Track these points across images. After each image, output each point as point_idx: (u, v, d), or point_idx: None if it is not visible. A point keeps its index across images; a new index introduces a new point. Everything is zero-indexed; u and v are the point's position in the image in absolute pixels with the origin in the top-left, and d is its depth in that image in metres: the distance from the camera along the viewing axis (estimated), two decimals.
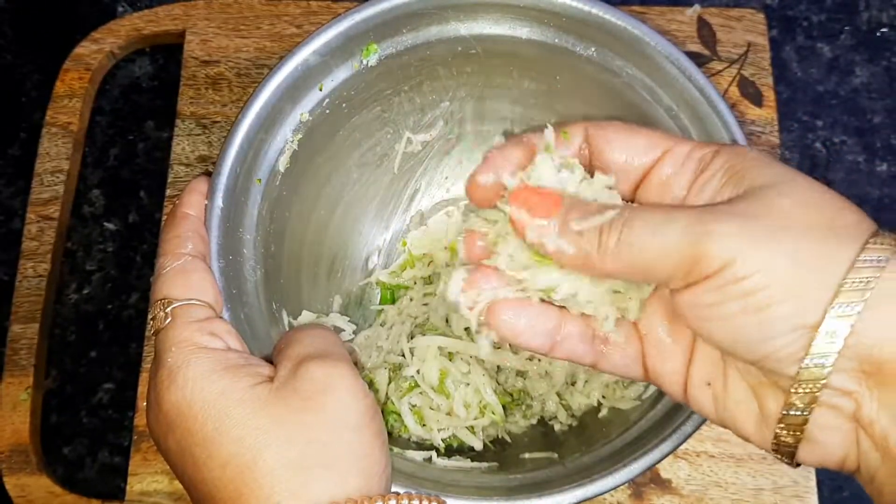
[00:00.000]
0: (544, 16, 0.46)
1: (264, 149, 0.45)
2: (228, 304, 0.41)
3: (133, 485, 0.52)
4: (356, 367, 0.36)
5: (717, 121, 0.44)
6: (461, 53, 0.49)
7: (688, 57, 0.45)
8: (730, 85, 0.61)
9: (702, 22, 0.62)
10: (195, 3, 0.62)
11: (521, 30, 0.48)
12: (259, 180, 0.45)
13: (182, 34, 0.62)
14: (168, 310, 0.36)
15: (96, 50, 0.61)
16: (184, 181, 0.58)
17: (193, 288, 0.37)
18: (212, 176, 0.42)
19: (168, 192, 0.58)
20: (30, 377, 0.54)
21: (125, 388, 0.57)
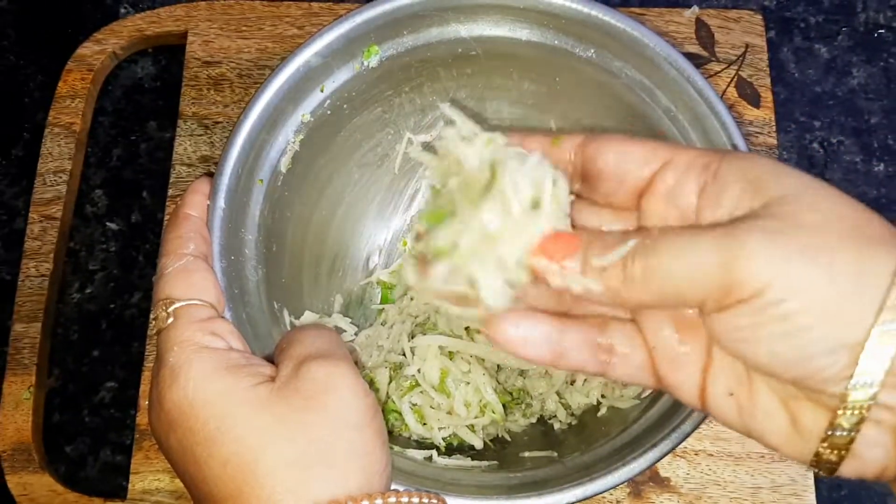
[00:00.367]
0: (544, 17, 0.47)
1: (266, 149, 0.45)
2: (230, 304, 0.41)
3: (135, 483, 0.52)
4: (357, 366, 0.36)
5: (715, 122, 0.44)
6: (461, 55, 0.49)
7: (686, 58, 0.45)
8: (728, 86, 0.61)
9: (700, 23, 0.62)
10: (197, 4, 0.62)
11: (521, 31, 0.48)
12: (261, 181, 0.45)
13: (184, 35, 0.62)
14: (170, 310, 0.36)
15: (99, 51, 0.61)
16: (186, 181, 0.58)
17: (195, 288, 0.37)
18: (213, 176, 0.43)
19: (170, 192, 0.58)
20: (32, 376, 0.54)
21: (127, 387, 0.57)
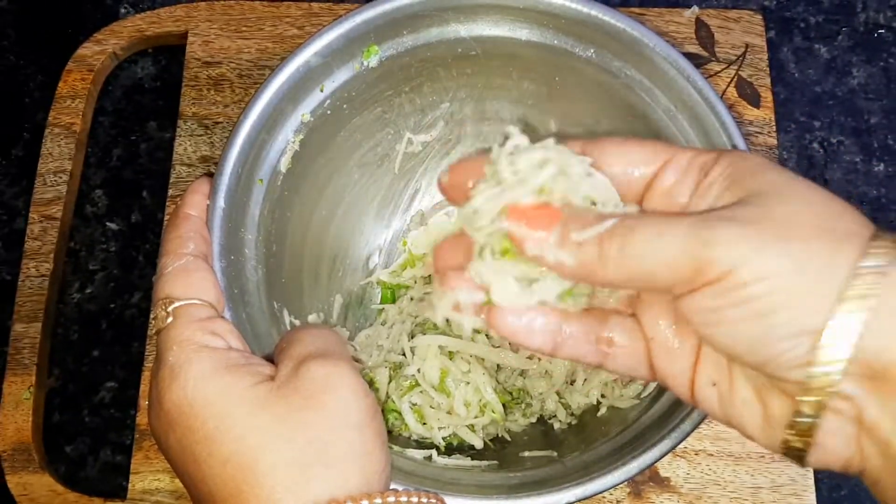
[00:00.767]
0: (543, 17, 0.47)
1: (266, 149, 0.45)
2: (230, 304, 0.41)
3: (135, 483, 0.52)
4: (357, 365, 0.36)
5: (715, 122, 0.44)
6: (461, 55, 0.49)
7: (686, 58, 0.45)
8: (728, 86, 0.61)
9: (700, 23, 0.63)
10: (197, 4, 0.63)
11: (521, 31, 0.48)
12: (261, 181, 0.45)
13: (184, 35, 0.62)
14: (170, 309, 0.36)
15: (99, 51, 0.61)
16: (186, 181, 0.58)
17: (195, 287, 0.38)
18: (213, 176, 0.43)
19: (170, 192, 0.58)
20: (32, 376, 0.54)
21: (127, 387, 0.57)
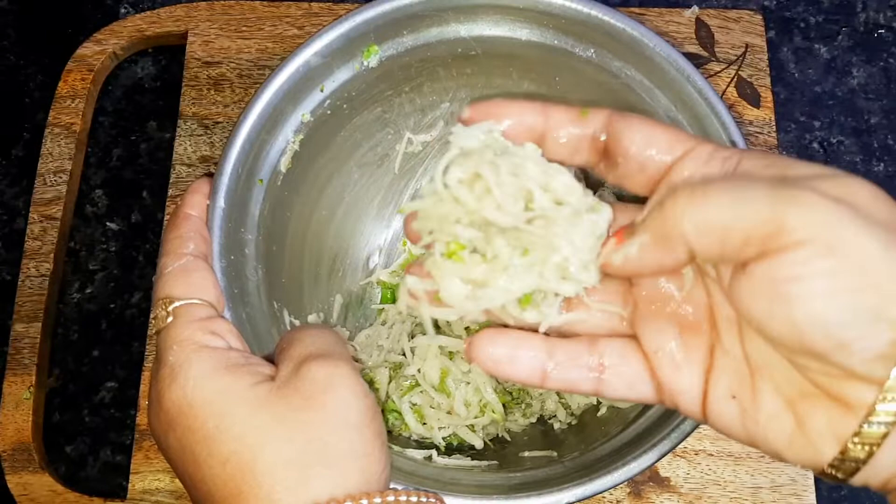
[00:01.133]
0: (543, 17, 0.47)
1: (266, 149, 0.45)
2: (230, 304, 0.41)
3: (135, 483, 0.52)
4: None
5: (715, 121, 0.44)
6: (461, 55, 0.49)
7: (686, 58, 0.45)
8: (728, 86, 0.61)
9: (700, 23, 0.63)
10: (197, 4, 0.63)
11: (521, 31, 0.48)
12: (261, 181, 0.45)
13: (184, 35, 0.62)
14: (170, 308, 0.36)
15: (99, 51, 0.61)
16: (186, 181, 0.59)
17: (195, 287, 0.37)
18: (213, 176, 0.43)
19: (170, 192, 0.58)
20: (32, 376, 0.54)
21: (127, 387, 0.57)
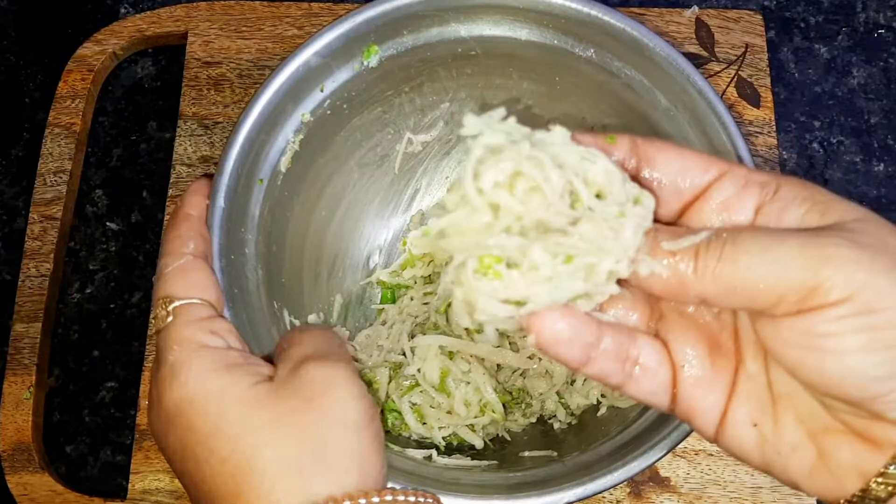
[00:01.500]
0: (543, 17, 0.47)
1: (266, 149, 0.45)
2: (230, 304, 0.41)
3: (135, 483, 0.52)
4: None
5: (715, 121, 0.44)
6: (461, 55, 0.49)
7: (686, 58, 0.45)
8: (728, 86, 0.61)
9: (700, 23, 0.63)
10: (197, 4, 0.63)
11: (521, 31, 0.48)
12: (261, 181, 0.45)
13: (184, 35, 0.62)
14: (170, 308, 0.36)
15: (99, 51, 0.61)
16: (186, 181, 0.59)
17: (195, 287, 0.37)
18: (214, 176, 0.43)
19: (170, 192, 0.58)
20: (32, 376, 0.54)
21: (127, 387, 0.57)
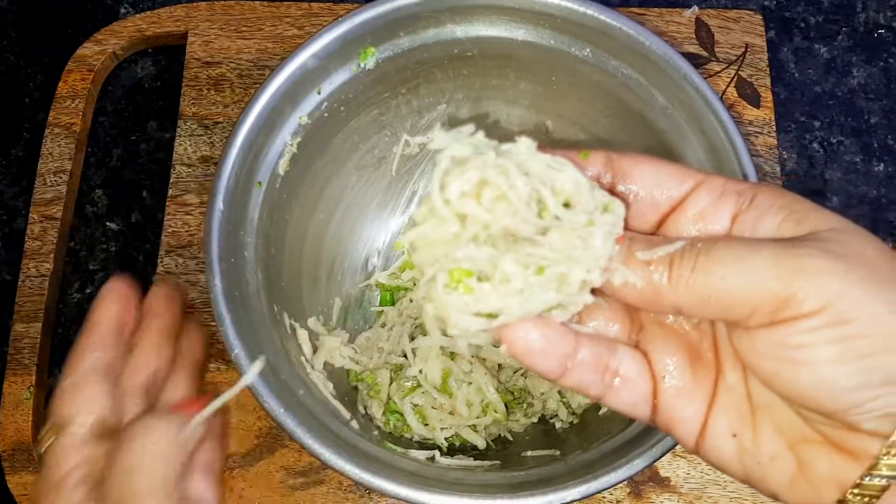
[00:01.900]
0: (540, 17, 0.47)
1: (264, 152, 0.46)
2: (230, 307, 0.41)
3: None
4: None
5: (712, 119, 0.44)
6: (458, 56, 0.49)
7: (684, 57, 0.45)
8: (728, 86, 0.61)
9: (700, 23, 0.62)
10: (197, 4, 0.63)
11: (517, 31, 0.48)
12: (259, 183, 0.45)
13: (184, 35, 0.62)
14: (53, 428, 0.35)
15: (99, 51, 0.61)
16: (186, 181, 0.59)
17: (80, 407, 0.36)
18: (213, 179, 0.43)
19: (170, 192, 0.58)
20: (32, 376, 0.54)
21: None
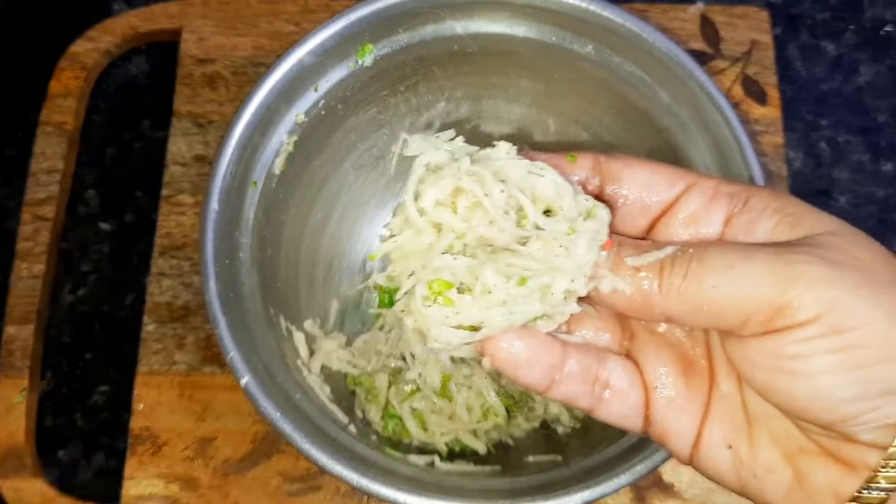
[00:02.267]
0: (541, 13, 0.46)
1: (259, 151, 0.45)
2: (224, 310, 0.40)
3: (129, 488, 0.52)
4: None
5: (717, 116, 0.44)
6: (457, 53, 0.49)
7: (690, 54, 0.44)
8: (733, 83, 0.60)
9: (705, 20, 0.62)
10: (191, 0, 0.62)
11: (518, 27, 0.47)
12: (255, 183, 0.45)
13: (178, 32, 0.62)
14: None
15: (92, 48, 0.61)
16: (180, 181, 0.58)
17: None
18: (208, 178, 0.42)
19: (164, 191, 0.58)
20: (24, 379, 0.54)
21: (121, 390, 0.57)
